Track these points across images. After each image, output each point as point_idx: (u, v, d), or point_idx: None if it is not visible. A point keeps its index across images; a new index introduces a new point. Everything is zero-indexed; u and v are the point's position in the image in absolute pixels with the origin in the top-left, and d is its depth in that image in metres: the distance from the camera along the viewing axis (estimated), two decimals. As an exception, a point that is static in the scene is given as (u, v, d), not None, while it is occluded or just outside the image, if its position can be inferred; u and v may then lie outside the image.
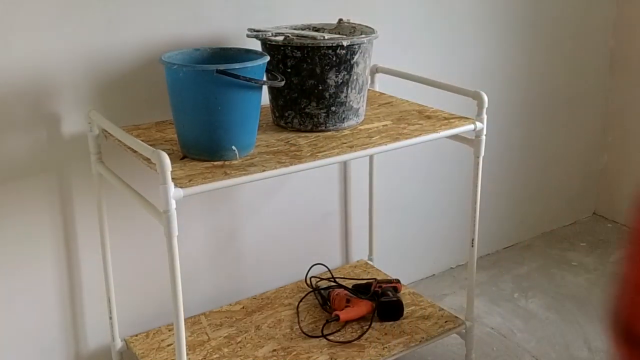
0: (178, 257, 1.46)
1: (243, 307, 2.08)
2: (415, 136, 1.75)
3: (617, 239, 2.92)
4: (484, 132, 1.87)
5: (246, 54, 1.66)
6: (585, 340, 2.30)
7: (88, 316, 1.92)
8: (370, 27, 1.85)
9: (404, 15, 2.28)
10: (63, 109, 1.75)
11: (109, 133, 1.67)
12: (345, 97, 1.75)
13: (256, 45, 1.77)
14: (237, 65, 1.50)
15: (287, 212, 2.21)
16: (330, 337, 1.92)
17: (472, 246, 1.98)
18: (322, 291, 2.11)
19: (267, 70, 1.65)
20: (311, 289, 2.15)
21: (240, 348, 1.88)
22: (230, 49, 1.72)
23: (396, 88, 2.13)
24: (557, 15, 2.72)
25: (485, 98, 1.84)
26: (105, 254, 1.82)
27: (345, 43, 1.68)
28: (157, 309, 1.97)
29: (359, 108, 1.81)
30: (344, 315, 1.97)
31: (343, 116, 1.77)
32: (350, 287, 2.11)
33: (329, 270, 2.23)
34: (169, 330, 1.95)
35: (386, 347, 1.90)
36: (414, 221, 2.54)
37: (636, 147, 2.96)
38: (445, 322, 2.02)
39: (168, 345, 1.89)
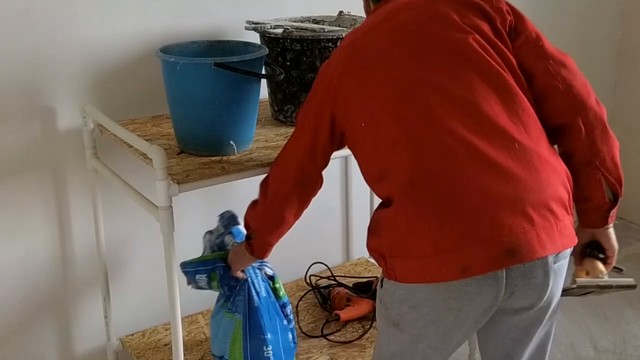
0: (175, 254, 1.43)
1: (242, 306, 2.05)
2: (418, 131, 1.72)
3: (624, 237, 2.89)
4: (488, 127, 1.83)
5: (244, 47, 1.64)
6: (591, 340, 2.28)
7: (83, 315, 1.89)
8: (371, 20, 1.82)
9: (406, 8, 2.25)
10: (58, 103, 1.73)
11: (104, 127, 1.65)
12: (346, 91, 1.72)
13: (255, 38, 1.75)
14: (235, 58, 1.48)
15: (287, 209, 2.18)
16: (331, 337, 1.90)
17: (476, 244, 1.95)
18: (322, 290, 2.09)
19: (266, 64, 1.63)
20: (311, 288, 2.12)
21: (239, 348, 1.86)
22: (228, 41, 1.70)
23: (398, 82, 2.10)
24: (563, 6, 2.68)
25: (490, 92, 1.81)
26: (100, 250, 1.80)
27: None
28: (153, 307, 1.95)
29: (361, 102, 1.78)
30: (344, 314, 1.95)
31: (344, 111, 1.74)
32: (350, 285, 2.10)
33: (329, 268, 2.21)
34: (166, 330, 1.92)
35: (388, 347, 1.87)
36: (415, 218, 2.51)
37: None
38: (448, 321, 1.99)
39: (165, 345, 1.87)
